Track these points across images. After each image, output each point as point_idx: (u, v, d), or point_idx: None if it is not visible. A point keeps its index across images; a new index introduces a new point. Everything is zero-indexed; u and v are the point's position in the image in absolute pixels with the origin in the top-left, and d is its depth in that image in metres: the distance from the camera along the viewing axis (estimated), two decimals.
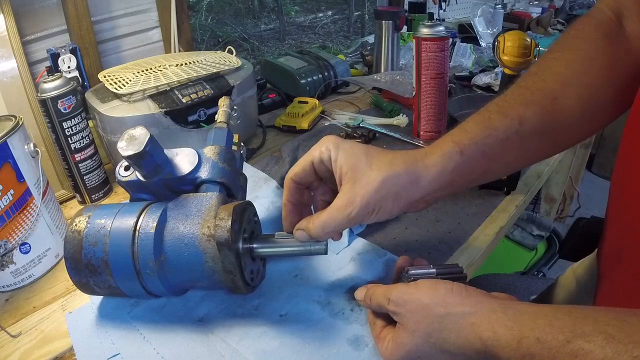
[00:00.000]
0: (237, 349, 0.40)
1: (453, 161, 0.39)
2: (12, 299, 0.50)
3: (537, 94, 0.41)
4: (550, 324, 0.28)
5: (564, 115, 0.41)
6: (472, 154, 0.39)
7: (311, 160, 0.41)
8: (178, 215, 0.41)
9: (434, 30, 0.72)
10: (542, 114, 0.40)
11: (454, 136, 0.41)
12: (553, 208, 1.69)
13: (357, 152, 0.40)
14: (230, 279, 0.40)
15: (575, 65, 0.42)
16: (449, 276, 0.38)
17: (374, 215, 0.38)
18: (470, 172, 0.40)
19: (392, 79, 1.01)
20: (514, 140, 0.40)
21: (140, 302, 0.46)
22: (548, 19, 1.61)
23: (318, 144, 0.42)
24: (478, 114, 0.42)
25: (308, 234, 0.40)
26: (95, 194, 0.66)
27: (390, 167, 0.38)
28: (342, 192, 0.39)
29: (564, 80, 0.41)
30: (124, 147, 0.39)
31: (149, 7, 0.95)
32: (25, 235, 0.50)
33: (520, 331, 0.29)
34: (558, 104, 0.41)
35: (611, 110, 0.42)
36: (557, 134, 0.42)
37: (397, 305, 0.35)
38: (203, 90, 0.70)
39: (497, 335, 0.30)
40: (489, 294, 0.34)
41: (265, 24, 1.76)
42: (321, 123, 0.91)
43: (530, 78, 0.43)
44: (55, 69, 0.77)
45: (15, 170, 0.48)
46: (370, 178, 0.38)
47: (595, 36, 0.43)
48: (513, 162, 0.43)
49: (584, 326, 0.27)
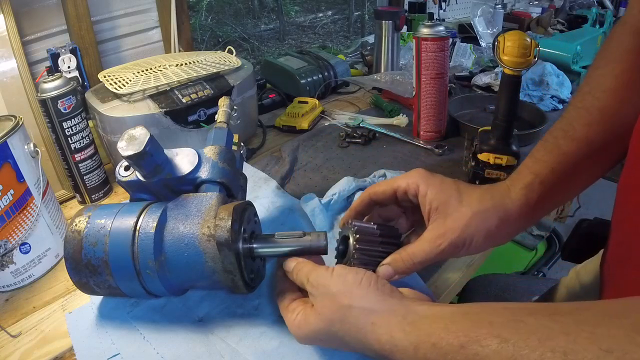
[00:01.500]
0: (236, 349, 0.40)
1: (536, 193, 0.40)
2: (12, 299, 0.50)
3: (595, 114, 0.43)
4: (446, 328, 0.28)
5: (624, 128, 0.42)
6: (551, 183, 0.41)
7: (395, 188, 0.43)
8: (178, 215, 0.41)
9: (434, 30, 0.72)
10: (605, 132, 0.42)
11: (530, 168, 0.42)
12: None
13: (448, 187, 0.41)
14: (230, 279, 0.40)
15: (624, 79, 0.43)
16: (390, 240, 0.41)
17: (464, 249, 0.39)
18: (551, 200, 0.42)
19: (392, 79, 1.01)
20: (584, 161, 0.42)
21: (140, 302, 0.46)
22: (548, 19, 1.61)
23: (406, 175, 0.43)
24: (545, 141, 0.44)
25: (394, 269, 0.39)
26: (95, 194, 0.66)
27: (480, 203, 0.39)
28: (433, 226, 0.39)
29: (617, 95, 0.42)
30: (124, 147, 0.39)
31: (149, 7, 0.95)
32: (25, 235, 0.50)
33: (417, 336, 0.29)
34: (617, 119, 0.42)
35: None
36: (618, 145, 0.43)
37: (313, 287, 0.36)
38: (203, 90, 0.70)
39: (394, 340, 0.30)
40: (396, 292, 0.34)
41: (265, 24, 1.76)
42: (321, 123, 0.91)
43: (585, 98, 0.44)
44: (55, 69, 0.77)
45: (15, 170, 0.48)
46: (461, 213, 0.39)
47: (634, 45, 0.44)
48: (584, 181, 0.45)
49: (479, 329, 0.27)
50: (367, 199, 0.45)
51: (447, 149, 0.76)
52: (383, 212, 0.46)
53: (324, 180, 0.70)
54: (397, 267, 0.39)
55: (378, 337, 0.31)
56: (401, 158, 0.76)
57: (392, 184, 0.43)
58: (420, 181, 0.41)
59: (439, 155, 0.76)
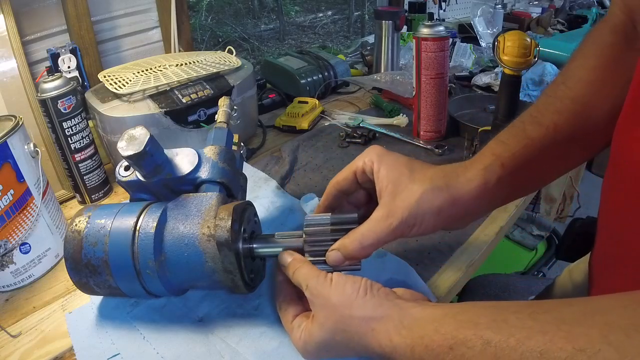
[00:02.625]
0: (236, 349, 0.40)
1: (495, 174, 0.39)
2: (12, 299, 0.50)
3: (567, 102, 0.42)
4: (436, 330, 0.29)
5: (595, 120, 0.41)
6: (512, 166, 0.40)
7: (354, 170, 0.42)
8: (178, 215, 0.41)
9: (434, 30, 0.72)
10: (575, 121, 0.41)
11: (492, 149, 0.41)
12: (553, 208, 1.68)
13: (400, 165, 0.39)
14: (230, 279, 0.40)
15: (598, 72, 0.42)
16: (342, 227, 0.39)
17: (415, 229, 0.38)
18: (511, 185, 0.40)
19: (392, 79, 1.01)
20: (550, 149, 0.41)
21: (140, 302, 0.46)
22: (548, 19, 1.61)
23: (362, 154, 0.42)
24: (512, 126, 0.43)
25: (344, 253, 0.38)
26: (95, 194, 0.66)
27: (432, 181, 0.38)
28: (382, 205, 0.38)
29: (591, 87, 0.42)
30: (124, 147, 0.39)
31: (149, 7, 0.95)
32: (25, 235, 0.50)
33: (412, 339, 0.30)
34: (588, 109, 0.41)
35: None
36: (590, 138, 0.43)
37: (313, 296, 0.36)
38: (203, 90, 0.70)
39: (393, 344, 0.31)
40: (393, 295, 0.34)
41: (265, 24, 1.76)
42: (321, 123, 0.91)
43: (558, 87, 0.44)
44: (55, 69, 0.77)
45: (15, 170, 0.48)
46: (411, 191, 0.38)
47: (612, 41, 0.43)
48: (550, 171, 0.44)
49: (466, 330, 0.28)
50: (333, 191, 0.43)
51: (447, 149, 0.76)
52: (352, 201, 0.45)
53: (324, 180, 0.70)
54: (347, 251, 0.38)
55: (379, 342, 0.32)
56: None
57: (351, 166, 0.42)
58: (375, 158, 0.40)
59: (439, 155, 0.76)
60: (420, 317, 0.31)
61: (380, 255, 0.51)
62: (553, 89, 0.44)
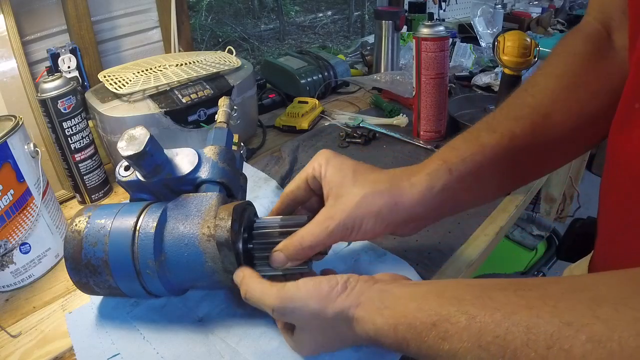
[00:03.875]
0: (236, 349, 0.40)
1: (441, 180, 0.38)
2: (12, 299, 0.50)
3: (526, 110, 0.41)
4: (419, 308, 0.29)
5: (555, 131, 0.40)
6: (461, 173, 0.38)
7: (305, 177, 0.41)
8: (178, 215, 0.41)
9: (434, 30, 0.72)
10: (533, 130, 0.39)
11: (441, 154, 0.40)
12: (553, 208, 1.68)
13: (345, 168, 0.39)
14: (230, 279, 0.40)
15: (564, 81, 0.41)
16: (292, 229, 0.39)
17: (354, 233, 0.38)
18: (459, 192, 0.39)
19: (392, 79, 1.01)
20: (504, 158, 0.39)
21: (140, 302, 0.46)
22: (548, 19, 1.61)
23: (312, 160, 0.41)
24: (467, 132, 0.41)
25: (285, 255, 0.37)
26: (95, 194, 0.66)
27: (374, 185, 0.38)
28: (324, 209, 0.38)
29: (553, 96, 0.41)
30: (124, 147, 0.39)
31: (149, 7, 0.95)
32: (25, 235, 0.50)
33: (394, 319, 0.30)
34: (548, 119, 0.40)
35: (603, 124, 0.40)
36: (549, 150, 0.41)
37: (284, 315, 0.34)
38: (203, 90, 0.70)
39: (377, 327, 0.31)
40: (372, 280, 0.34)
41: (265, 24, 1.76)
42: (321, 123, 0.91)
43: (520, 94, 0.43)
44: (55, 69, 0.77)
45: (15, 170, 0.48)
46: (351, 195, 0.37)
47: (583, 50, 0.42)
48: (504, 183, 0.42)
49: (450, 307, 0.27)
50: (287, 201, 0.43)
51: None
52: (308, 207, 0.44)
53: None
54: (288, 252, 0.37)
55: (364, 328, 0.31)
56: (401, 158, 0.76)
57: (301, 174, 0.42)
58: (323, 162, 0.40)
59: None
60: (401, 295, 0.31)
61: (380, 254, 0.51)
62: (515, 96, 0.43)
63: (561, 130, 0.40)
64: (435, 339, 0.27)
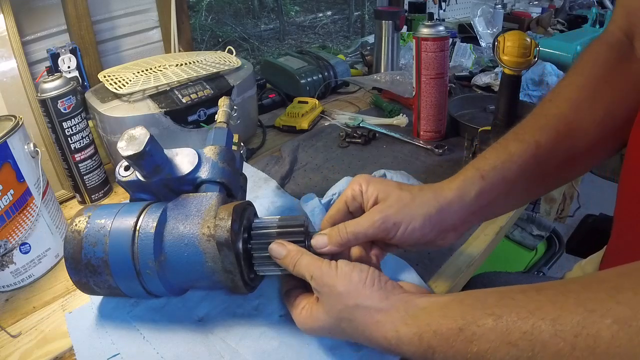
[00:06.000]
0: (236, 349, 0.40)
1: (476, 185, 0.40)
2: (12, 299, 0.50)
3: (551, 119, 0.42)
4: (444, 315, 0.30)
5: (579, 139, 0.42)
6: (492, 179, 0.40)
7: (345, 200, 0.42)
8: (178, 215, 0.41)
9: (434, 30, 0.72)
10: (557, 138, 0.41)
11: (474, 163, 0.42)
12: (553, 208, 1.69)
13: (387, 183, 0.41)
14: (230, 279, 0.40)
15: (588, 90, 0.43)
16: (290, 229, 0.40)
17: (402, 230, 0.38)
18: (492, 198, 0.41)
19: (392, 79, 1.01)
20: (532, 165, 0.41)
21: (140, 302, 0.46)
22: (548, 19, 1.61)
23: (350, 183, 0.43)
24: (497, 142, 0.44)
25: (328, 237, 0.39)
26: (95, 194, 0.66)
27: (420, 191, 0.40)
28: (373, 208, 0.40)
29: (577, 105, 0.42)
30: (124, 147, 0.39)
31: (149, 7, 0.95)
32: (25, 235, 0.50)
33: (418, 327, 0.31)
34: (572, 128, 0.42)
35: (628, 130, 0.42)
36: (575, 157, 0.43)
37: (318, 285, 0.36)
38: (203, 90, 0.70)
39: (399, 334, 0.31)
40: (397, 287, 0.35)
41: (265, 24, 1.76)
42: (321, 123, 0.91)
43: (545, 105, 0.44)
44: (55, 69, 0.77)
45: (15, 170, 0.48)
46: (401, 196, 0.39)
47: (607, 58, 0.44)
48: (533, 188, 0.44)
49: (474, 311, 0.28)
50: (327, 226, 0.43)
51: (447, 149, 0.76)
52: None
53: (324, 180, 0.70)
54: (332, 236, 0.39)
55: (384, 334, 0.32)
56: (401, 158, 0.76)
57: (341, 198, 0.43)
58: (363, 181, 0.41)
59: (439, 155, 0.76)
60: (426, 306, 0.32)
61: None
62: (541, 106, 0.45)
63: (586, 138, 0.42)
64: (463, 342, 0.28)
